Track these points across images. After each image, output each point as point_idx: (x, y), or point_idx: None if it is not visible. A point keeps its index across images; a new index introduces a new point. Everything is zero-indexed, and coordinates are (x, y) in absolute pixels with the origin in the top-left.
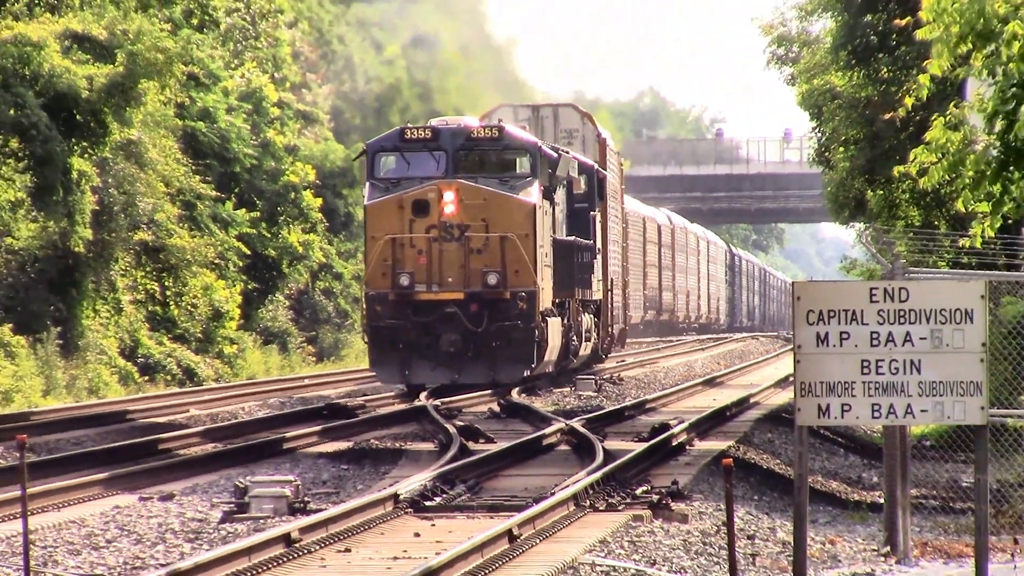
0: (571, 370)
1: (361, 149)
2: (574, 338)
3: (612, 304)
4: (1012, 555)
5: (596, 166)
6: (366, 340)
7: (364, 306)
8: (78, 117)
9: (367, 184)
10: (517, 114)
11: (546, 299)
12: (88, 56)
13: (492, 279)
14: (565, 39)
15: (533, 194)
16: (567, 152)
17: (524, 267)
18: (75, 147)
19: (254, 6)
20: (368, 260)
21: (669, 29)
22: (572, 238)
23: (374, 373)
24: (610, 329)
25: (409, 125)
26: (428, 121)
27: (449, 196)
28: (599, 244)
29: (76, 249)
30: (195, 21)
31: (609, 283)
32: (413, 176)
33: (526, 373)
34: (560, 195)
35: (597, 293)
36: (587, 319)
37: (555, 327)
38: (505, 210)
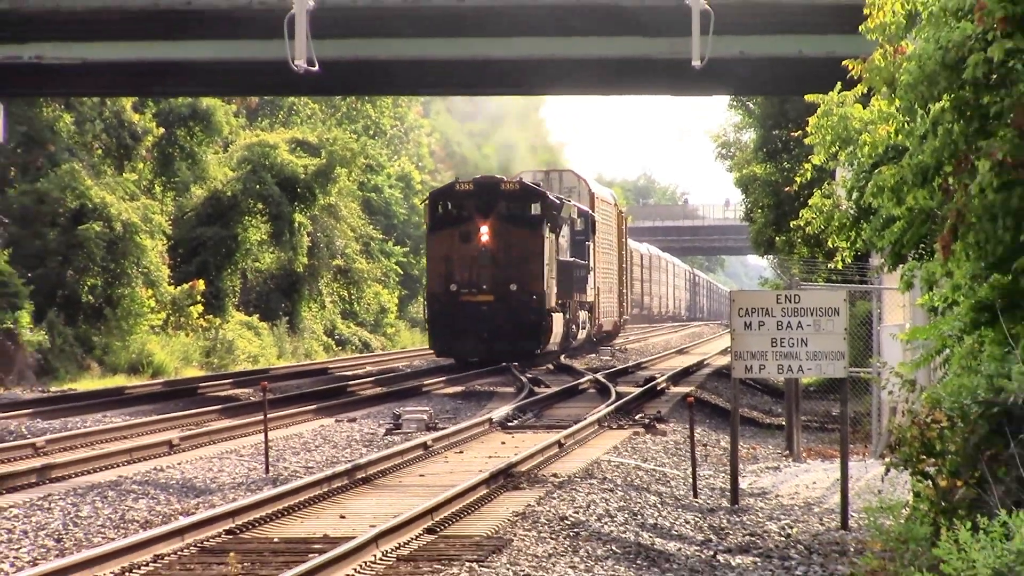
0: (572, 348)
1: (426, 196)
2: (573, 327)
3: (600, 305)
4: (863, 456)
5: (590, 211)
6: (427, 326)
7: (426, 304)
8: (298, 190)
9: (428, 220)
10: (536, 175)
11: (551, 301)
12: (305, 153)
13: (513, 287)
14: (594, 141)
15: (541, 228)
16: (568, 200)
17: (535, 279)
18: (297, 208)
19: (406, 123)
20: (429, 272)
21: (657, 136)
22: (572, 259)
23: (432, 349)
24: (599, 322)
25: (459, 180)
26: (472, 177)
27: (485, 229)
28: (592, 264)
29: (298, 269)
30: (371, 131)
31: (597, 291)
32: (460, 215)
33: (537, 351)
34: (565, 230)
35: (590, 297)
36: (583, 315)
37: (558, 320)
38: (522, 239)
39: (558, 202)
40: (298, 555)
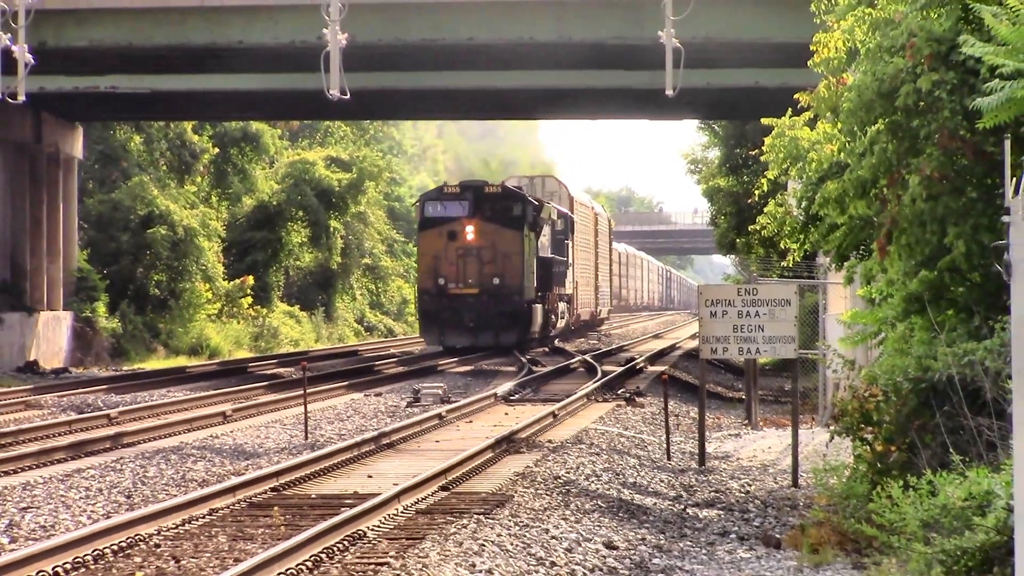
0: (553, 335)
1: (406, 195)
2: (553, 317)
3: (579, 297)
4: (811, 425)
5: (569, 213)
6: (418, 318)
7: (416, 297)
8: (333, 200)
9: (420, 220)
10: (520, 181)
11: (531, 293)
12: (338, 169)
13: (496, 281)
14: (583, 158)
15: (521, 227)
16: (549, 203)
17: (516, 274)
18: (331, 215)
19: (423, 142)
20: (420, 268)
21: (638, 153)
22: (552, 256)
23: (423, 339)
24: (577, 312)
25: (446, 183)
26: (458, 181)
27: (470, 228)
28: (570, 260)
29: (332, 267)
30: (394, 150)
31: (576, 284)
32: (448, 216)
33: (515, 339)
34: (546, 229)
35: (569, 290)
36: (562, 306)
37: (537, 311)
38: (505, 237)
39: (537, 204)
40: (332, 508)
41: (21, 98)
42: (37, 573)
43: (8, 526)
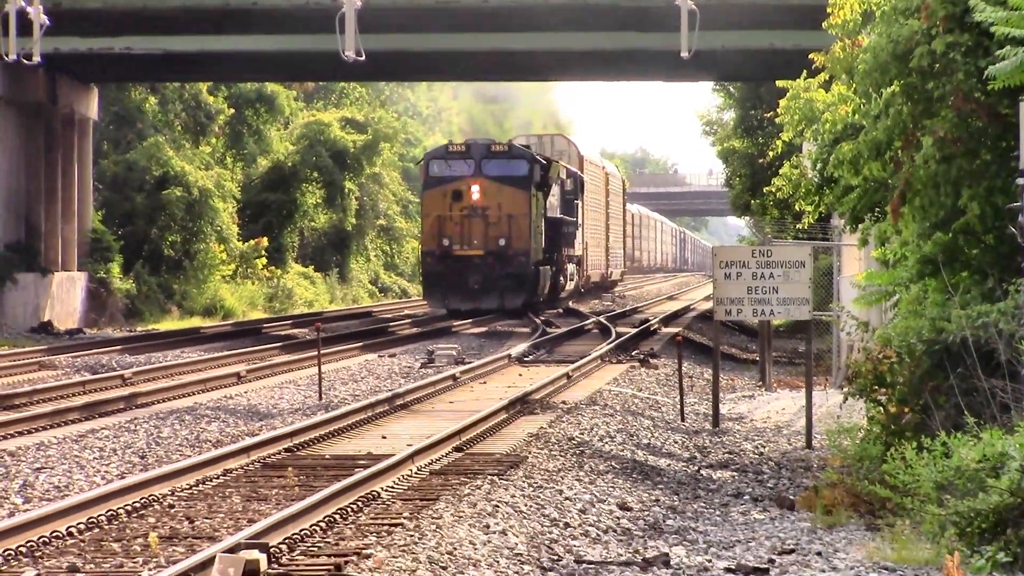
0: (562, 299)
1: (421, 156)
2: (561, 279)
3: (589, 259)
4: (824, 387)
5: (579, 172)
6: (422, 280)
7: (420, 259)
8: (348, 161)
9: (424, 179)
10: (529, 139)
11: (538, 255)
12: (353, 130)
13: (502, 242)
14: (598, 119)
15: (528, 187)
16: (557, 161)
17: (522, 235)
18: (346, 176)
19: (438, 104)
20: (423, 228)
21: (653, 114)
22: (561, 216)
23: (426, 301)
24: (587, 274)
25: (452, 141)
26: (464, 140)
27: (475, 188)
28: (580, 221)
29: (347, 228)
30: (409, 112)
31: (586, 246)
32: (453, 175)
33: (521, 302)
34: (555, 189)
35: (578, 251)
36: (571, 267)
37: (545, 272)
38: (510, 197)
39: (545, 162)
40: (346, 469)
41: (36, 59)
42: (51, 533)
43: (22, 486)
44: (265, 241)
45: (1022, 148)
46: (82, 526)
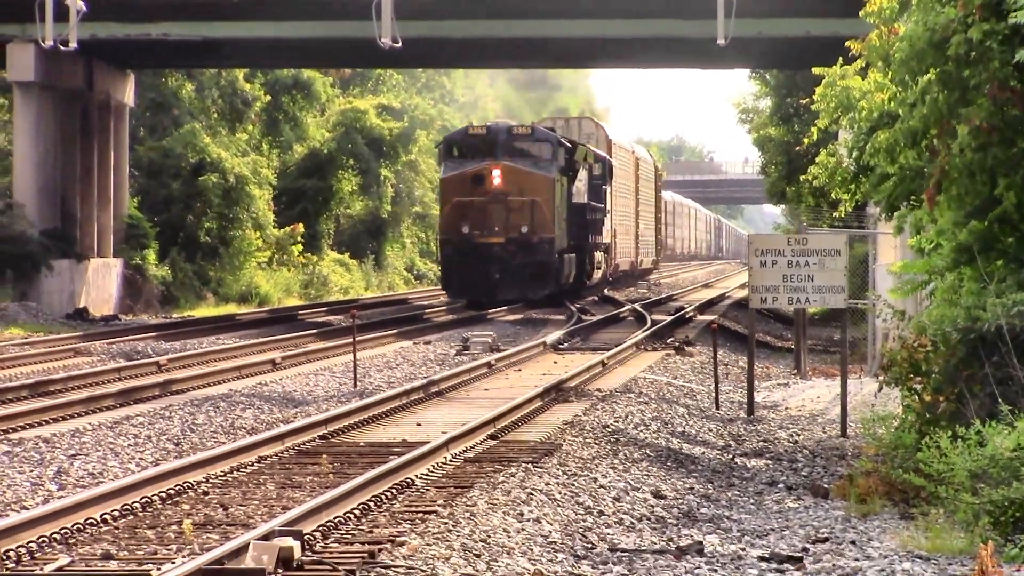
0: (589, 287)
1: (440, 140)
2: (588, 267)
3: (617, 247)
4: (860, 375)
5: (607, 156)
6: (440, 269)
7: (438, 246)
8: (384, 148)
9: (443, 164)
10: (556, 123)
11: (562, 242)
12: (390, 117)
13: (524, 229)
14: (634, 107)
15: (552, 171)
16: (584, 145)
17: (545, 221)
18: (382, 163)
19: (475, 91)
20: (442, 215)
21: (690, 101)
22: (588, 202)
23: (444, 291)
24: (615, 263)
25: (472, 124)
26: (485, 123)
27: (496, 173)
28: (608, 207)
29: (383, 215)
30: (446, 99)
31: (614, 233)
32: (473, 159)
33: (545, 292)
34: (582, 174)
35: (607, 239)
36: (599, 255)
37: (569, 261)
38: (533, 182)
39: (571, 146)
40: (380, 456)
41: (73, 45)
42: (85, 520)
43: (57, 473)
44: (301, 228)
45: None
46: (116, 513)
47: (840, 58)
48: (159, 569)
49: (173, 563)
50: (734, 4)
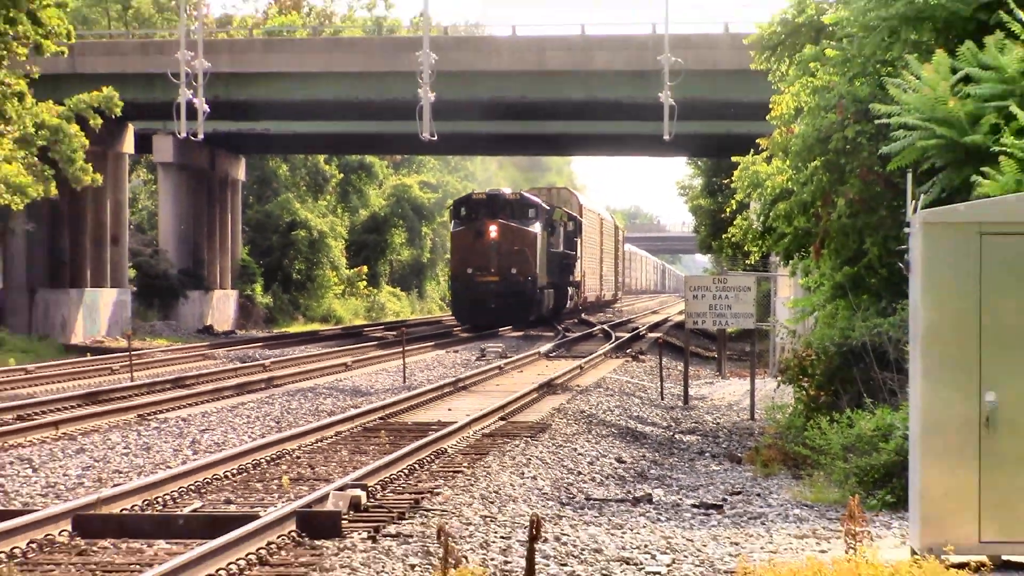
0: (565, 313)
1: (451, 203)
2: (563, 300)
3: (585, 284)
4: (764, 376)
5: (579, 216)
6: (451, 300)
7: (449, 283)
8: (424, 212)
9: (453, 220)
10: (541, 192)
11: (541, 280)
12: (428, 190)
13: (514, 271)
14: (604, 183)
15: (536, 228)
16: (560, 208)
17: (529, 265)
18: (423, 223)
19: (489, 172)
20: (452, 259)
21: (644, 180)
22: (563, 251)
23: (454, 317)
24: (584, 295)
25: (475, 191)
26: (485, 190)
27: (493, 228)
28: (579, 254)
29: (423, 260)
30: (468, 177)
31: (583, 274)
32: (475, 217)
33: (531, 318)
34: (559, 230)
35: (577, 278)
36: (571, 290)
37: (548, 295)
38: (521, 235)
39: (549, 208)
40: (422, 432)
41: (200, 136)
42: (212, 476)
43: (191, 443)
44: (365, 269)
45: (908, 207)
46: (234, 471)
47: (752, 149)
48: (265, 511)
49: (275, 507)
50: (676, 110)
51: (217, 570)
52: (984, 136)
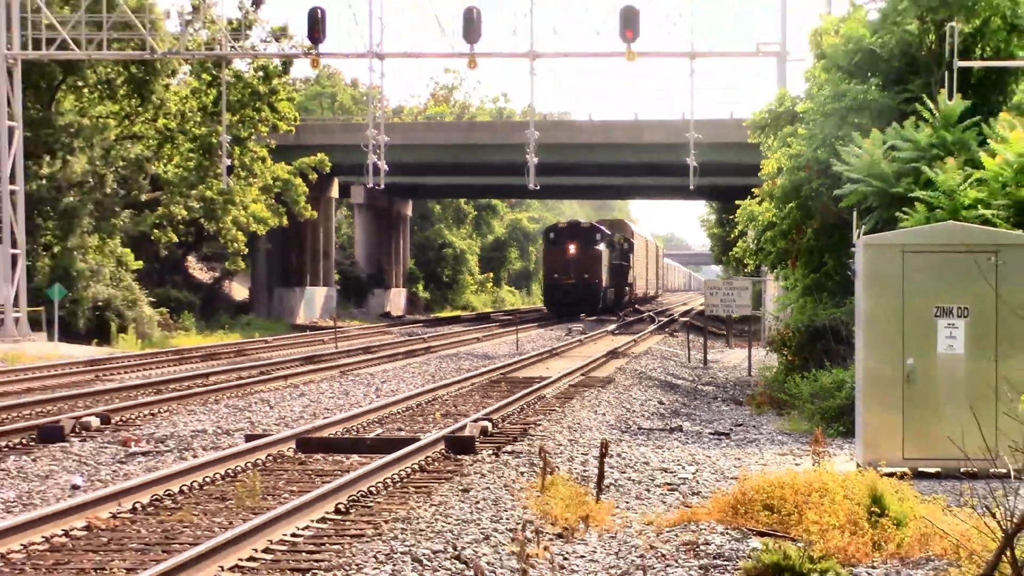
0: (622, 305)
1: (543, 227)
2: (621, 296)
3: (636, 285)
4: (757, 347)
5: (631, 239)
6: (543, 296)
7: (542, 284)
8: (530, 237)
9: (544, 240)
10: (605, 222)
11: (604, 283)
12: (533, 222)
13: (585, 275)
14: (651, 218)
15: (601, 247)
16: (619, 233)
17: (597, 272)
18: (530, 245)
19: (574, 209)
20: (544, 268)
21: (678, 215)
22: (619, 263)
23: (545, 307)
24: (635, 293)
25: (559, 222)
26: (566, 221)
27: (572, 247)
28: (631, 265)
29: (530, 268)
30: (559, 215)
31: (634, 278)
32: (560, 240)
33: (598, 307)
34: (618, 248)
35: (629, 281)
36: (627, 289)
37: (610, 292)
38: (590, 252)
39: (610, 234)
40: (528, 383)
41: (381, 187)
42: (389, 412)
43: (375, 390)
44: (491, 275)
45: (854, 234)
46: (403, 408)
47: (749, 196)
48: (424, 436)
49: (431, 433)
50: (698, 170)
51: (391, 474)
52: (904, 188)
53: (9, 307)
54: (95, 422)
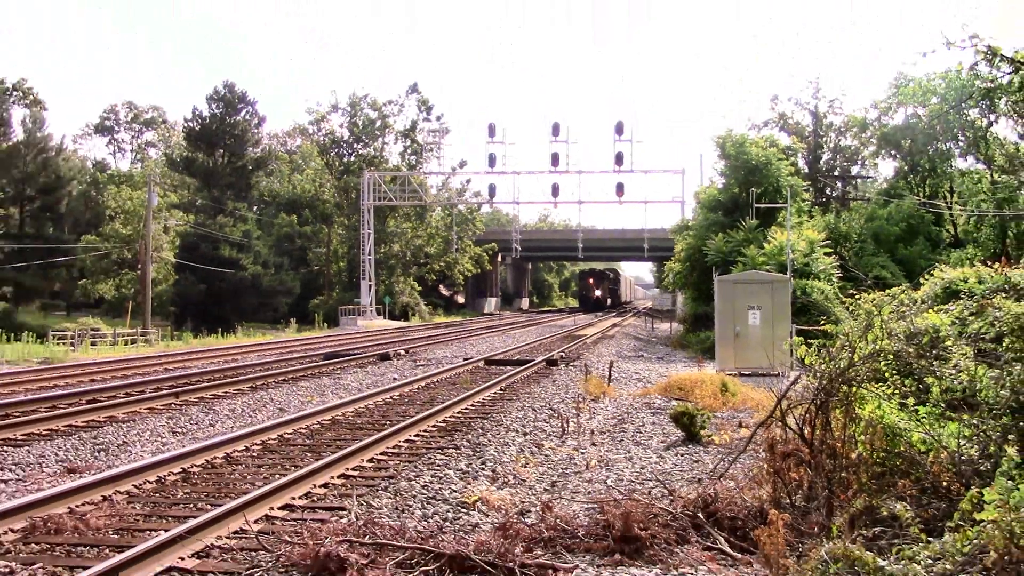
0: (616, 306)
1: (579, 271)
2: (616, 302)
3: (622, 297)
4: (675, 322)
5: (621, 275)
6: (578, 303)
7: (578, 296)
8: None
9: (579, 275)
10: (609, 268)
11: (609, 297)
12: (577, 269)
13: (599, 292)
14: (630, 268)
15: (609, 282)
16: (613, 273)
17: (605, 291)
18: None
19: (597, 262)
20: (578, 288)
21: (639, 267)
22: (615, 287)
23: (580, 308)
24: (622, 301)
25: (585, 268)
26: (591, 268)
27: (592, 280)
28: (621, 287)
29: (572, 290)
30: (591, 268)
31: (621, 293)
32: (587, 275)
33: (608, 306)
34: (614, 279)
35: (619, 294)
36: (619, 298)
37: (610, 300)
38: (602, 283)
39: (612, 275)
40: (579, 337)
41: (517, 256)
42: (524, 348)
43: (513, 339)
44: (563, 294)
45: (715, 276)
46: (530, 347)
47: (673, 257)
48: (536, 358)
49: (539, 357)
50: (647, 247)
51: (523, 375)
52: (733, 257)
53: (368, 306)
54: (403, 352)
